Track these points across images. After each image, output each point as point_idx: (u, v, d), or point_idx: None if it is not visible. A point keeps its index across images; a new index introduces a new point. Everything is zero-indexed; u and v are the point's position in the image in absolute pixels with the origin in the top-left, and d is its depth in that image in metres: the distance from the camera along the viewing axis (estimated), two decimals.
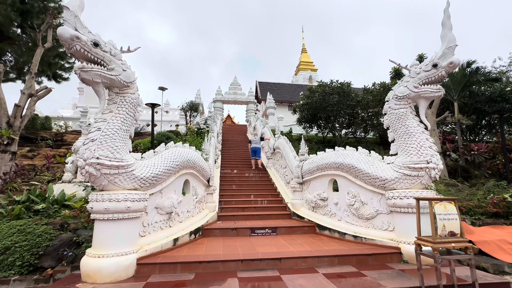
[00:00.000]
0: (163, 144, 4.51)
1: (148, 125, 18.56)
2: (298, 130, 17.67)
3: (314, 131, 14.95)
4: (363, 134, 14.40)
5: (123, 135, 3.60)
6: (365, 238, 4.45)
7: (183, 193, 5.02)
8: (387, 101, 4.64)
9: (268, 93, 20.88)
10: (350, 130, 14.11)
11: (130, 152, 3.78)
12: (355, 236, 4.60)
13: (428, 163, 3.97)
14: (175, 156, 4.49)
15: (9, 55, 12.48)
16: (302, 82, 31.77)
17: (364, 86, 13.63)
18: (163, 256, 3.72)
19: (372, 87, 13.29)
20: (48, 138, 13.68)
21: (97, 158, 3.26)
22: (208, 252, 3.98)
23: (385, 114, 4.69)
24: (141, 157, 4.03)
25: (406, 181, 4.09)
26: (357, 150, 5.07)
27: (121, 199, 3.36)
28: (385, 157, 4.64)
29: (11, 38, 11.10)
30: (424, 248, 2.96)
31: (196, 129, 14.50)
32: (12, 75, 12.89)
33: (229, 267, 3.60)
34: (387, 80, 13.49)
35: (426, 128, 4.24)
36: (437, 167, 3.99)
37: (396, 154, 4.48)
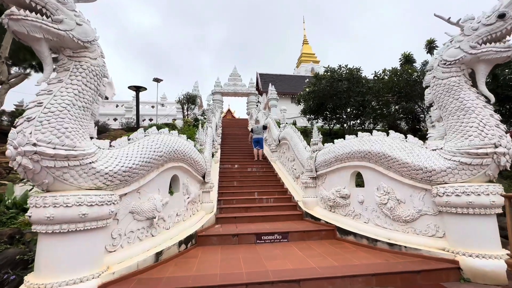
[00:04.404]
0: (141, 129, 3.48)
1: (143, 120, 17.56)
2: (302, 122, 16.75)
3: (320, 122, 13.95)
4: (372, 125, 13.37)
5: (78, 114, 2.58)
6: (404, 247, 3.43)
7: (171, 192, 4.01)
8: (429, 70, 3.62)
9: (270, 84, 19.77)
10: (358, 121, 13.08)
11: (92, 138, 2.78)
12: (390, 244, 3.58)
13: (496, 147, 2.94)
14: (157, 145, 3.47)
15: None
16: (304, 74, 30.70)
17: (375, 72, 12.56)
18: (138, 280, 2.71)
19: (383, 74, 12.25)
20: None
21: (34, 144, 2.24)
22: (200, 272, 2.97)
23: (427, 87, 3.67)
24: (110, 146, 3.02)
25: (463, 172, 3.07)
26: (387, 135, 4.05)
27: (72, 203, 2.34)
28: (426, 142, 3.62)
29: None
30: None
31: (193, 121, 13.45)
32: None
33: None
34: (392, 67, 12.45)
35: (488, 102, 3.22)
36: (509, 152, 2.96)
37: (434, 138, 3.47)
